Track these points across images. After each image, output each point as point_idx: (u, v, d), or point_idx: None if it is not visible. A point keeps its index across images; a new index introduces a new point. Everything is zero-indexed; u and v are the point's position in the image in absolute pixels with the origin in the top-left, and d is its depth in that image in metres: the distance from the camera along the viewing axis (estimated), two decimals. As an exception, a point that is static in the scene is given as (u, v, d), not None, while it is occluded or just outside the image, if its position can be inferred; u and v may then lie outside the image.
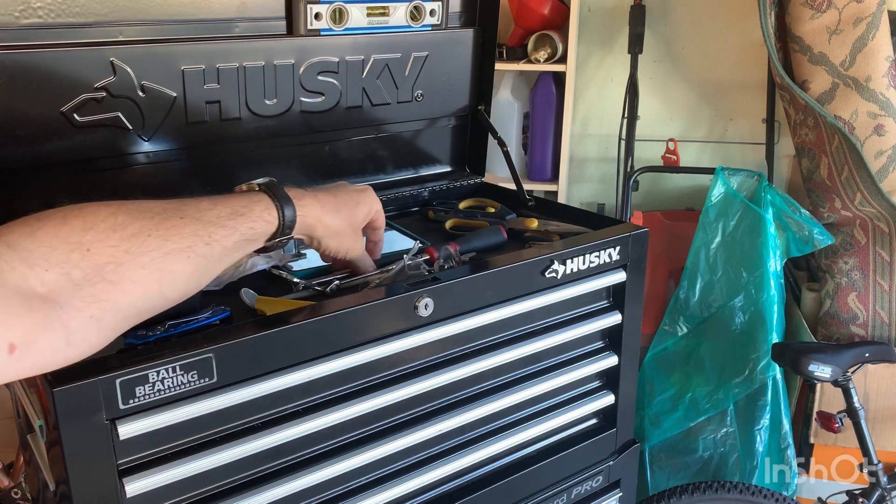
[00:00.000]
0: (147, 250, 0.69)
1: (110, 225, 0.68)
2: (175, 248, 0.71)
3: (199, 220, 0.74)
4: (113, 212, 0.69)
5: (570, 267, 1.05)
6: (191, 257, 0.72)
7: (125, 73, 1.00)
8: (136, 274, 0.68)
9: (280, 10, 1.12)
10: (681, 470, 2.35)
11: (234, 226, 0.77)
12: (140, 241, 0.69)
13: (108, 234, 0.67)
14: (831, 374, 1.88)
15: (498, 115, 2.51)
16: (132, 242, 0.68)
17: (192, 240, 0.73)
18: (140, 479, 0.76)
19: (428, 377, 0.96)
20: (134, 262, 0.68)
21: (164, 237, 0.71)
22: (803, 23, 2.09)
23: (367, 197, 0.96)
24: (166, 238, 0.71)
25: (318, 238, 0.90)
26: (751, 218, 2.23)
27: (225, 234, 0.76)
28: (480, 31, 1.33)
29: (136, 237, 0.69)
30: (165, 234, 0.71)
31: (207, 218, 0.75)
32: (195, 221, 0.74)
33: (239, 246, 0.79)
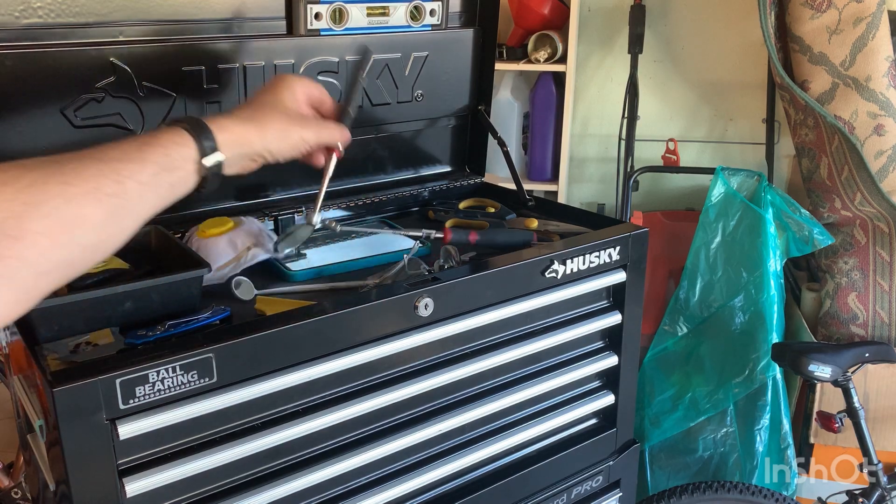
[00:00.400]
0: (47, 198, 0.65)
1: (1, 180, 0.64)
2: (79, 192, 0.67)
3: (101, 160, 0.70)
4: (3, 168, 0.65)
5: (570, 267, 1.05)
6: (100, 199, 0.68)
7: (125, 73, 1.00)
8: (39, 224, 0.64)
9: (280, 10, 1.12)
10: (681, 470, 2.35)
11: (143, 157, 0.73)
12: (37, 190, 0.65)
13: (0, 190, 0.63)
14: (831, 374, 1.88)
15: (498, 115, 2.51)
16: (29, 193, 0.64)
17: (98, 180, 0.69)
18: (140, 479, 0.76)
19: (428, 377, 0.96)
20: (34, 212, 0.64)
21: (63, 181, 0.66)
22: (803, 23, 2.09)
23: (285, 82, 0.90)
24: (66, 182, 0.66)
25: (264, 151, 0.84)
26: (751, 218, 2.23)
27: (135, 168, 0.71)
28: (480, 31, 1.33)
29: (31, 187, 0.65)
30: (64, 178, 0.66)
31: (111, 156, 0.71)
32: (97, 161, 0.70)
33: (159, 178, 0.73)
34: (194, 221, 1.09)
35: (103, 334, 0.81)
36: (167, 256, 0.96)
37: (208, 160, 0.78)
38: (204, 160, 0.78)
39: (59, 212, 0.65)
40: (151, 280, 0.84)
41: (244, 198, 1.19)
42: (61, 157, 0.69)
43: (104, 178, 0.69)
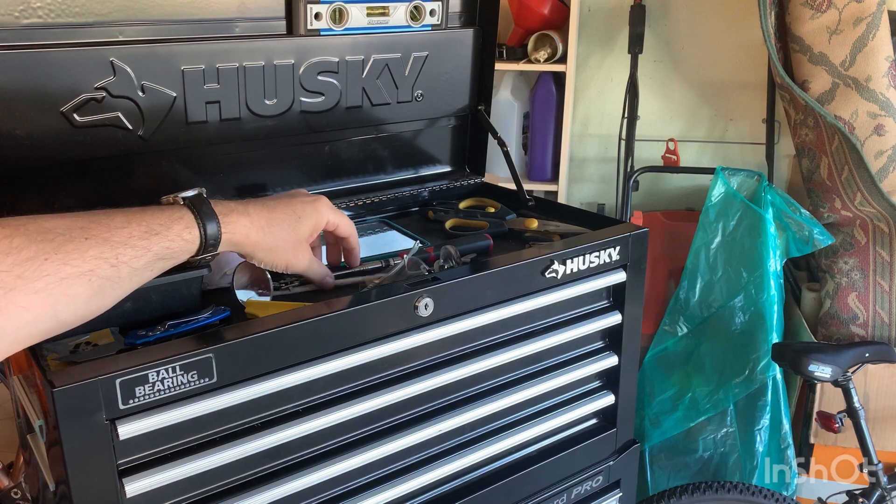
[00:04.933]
0: (42, 275, 0.66)
1: (4, 248, 0.65)
2: (74, 273, 0.68)
3: (107, 241, 0.71)
4: (9, 234, 0.66)
5: (570, 267, 1.05)
6: (92, 280, 0.69)
7: (125, 73, 1.00)
8: (26, 299, 0.65)
9: (280, 10, 1.12)
10: (681, 470, 2.35)
11: (147, 246, 0.74)
12: (35, 266, 0.66)
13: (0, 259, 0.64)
14: (831, 374, 1.88)
15: (498, 115, 2.52)
16: (25, 267, 0.65)
17: (95, 262, 0.70)
18: (140, 480, 0.76)
19: (428, 377, 0.96)
20: (26, 287, 0.65)
21: (62, 261, 0.67)
22: (803, 23, 2.09)
23: (313, 208, 0.93)
24: (65, 262, 0.67)
25: (250, 254, 0.87)
26: (751, 218, 2.23)
27: (135, 254, 0.73)
28: (480, 31, 1.33)
29: (30, 262, 0.66)
30: (65, 257, 0.68)
31: (117, 238, 0.72)
32: (102, 243, 0.71)
33: (152, 265, 0.76)
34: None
35: (103, 334, 0.81)
36: (167, 256, 0.96)
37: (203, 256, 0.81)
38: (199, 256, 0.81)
39: (50, 289, 0.66)
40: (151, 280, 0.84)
41: (244, 198, 1.19)
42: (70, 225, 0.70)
43: (103, 261, 0.70)
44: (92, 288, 0.70)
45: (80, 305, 0.70)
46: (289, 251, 0.90)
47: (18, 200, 1.00)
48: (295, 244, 0.90)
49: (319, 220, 0.93)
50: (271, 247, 0.88)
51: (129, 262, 0.72)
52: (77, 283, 0.68)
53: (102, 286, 0.70)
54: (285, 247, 0.89)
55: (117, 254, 0.71)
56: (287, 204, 0.91)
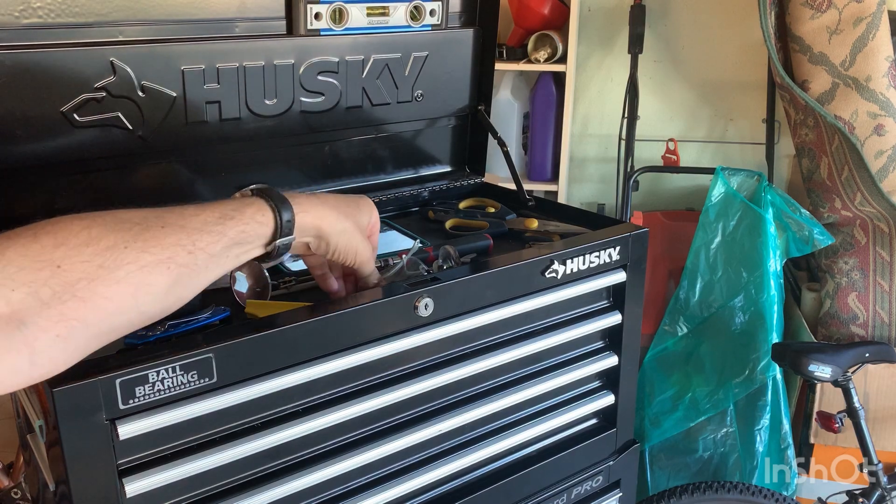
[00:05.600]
0: (122, 263, 0.65)
1: (83, 239, 0.65)
2: (153, 260, 0.67)
3: (182, 228, 0.71)
4: (87, 225, 0.66)
5: (570, 267, 1.05)
6: (171, 268, 0.68)
7: (125, 73, 1.00)
8: (109, 290, 0.65)
9: (280, 10, 1.12)
10: (681, 470, 2.35)
11: (222, 230, 0.73)
12: (115, 255, 0.65)
13: (80, 250, 0.64)
14: (831, 374, 1.88)
15: (498, 115, 2.52)
16: (106, 256, 0.65)
17: (173, 250, 0.69)
18: (140, 479, 0.76)
19: (428, 377, 0.96)
20: (108, 276, 0.64)
21: (141, 248, 0.67)
22: (803, 23, 2.09)
23: (366, 202, 0.93)
24: (144, 249, 0.67)
25: (327, 236, 0.85)
26: (751, 218, 2.23)
27: (211, 240, 0.72)
28: (480, 31, 1.33)
29: (110, 250, 0.65)
30: (144, 245, 0.67)
31: (193, 225, 0.71)
32: (179, 230, 0.70)
33: (229, 251, 0.74)
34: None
35: (103, 334, 0.81)
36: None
37: (281, 240, 0.79)
38: (277, 241, 0.79)
39: (131, 278, 0.66)
40: (151, 280, 0.84)
41: (244, 198, 1.19)
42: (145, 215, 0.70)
43: (181, 248, 0.70)
44: (171, 276, 0.69)
45: (160, 295, 0.69)
46: (359, 236, 0.88)
47: (18, 200, 1.00)
48: (362, 231, 0.90)
49: (373, 216, 0.93)
50: (346, 229, 0.86)
51: (205, 248, 0.71)
52: (157, 270, 0.68)
53: (181, 274, 0.70)
54: (357, 232, 0.88)
55: (194, 240, 0.71)
56: (343, 195, 0.91)
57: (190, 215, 0.72)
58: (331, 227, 0.85)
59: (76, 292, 0.63)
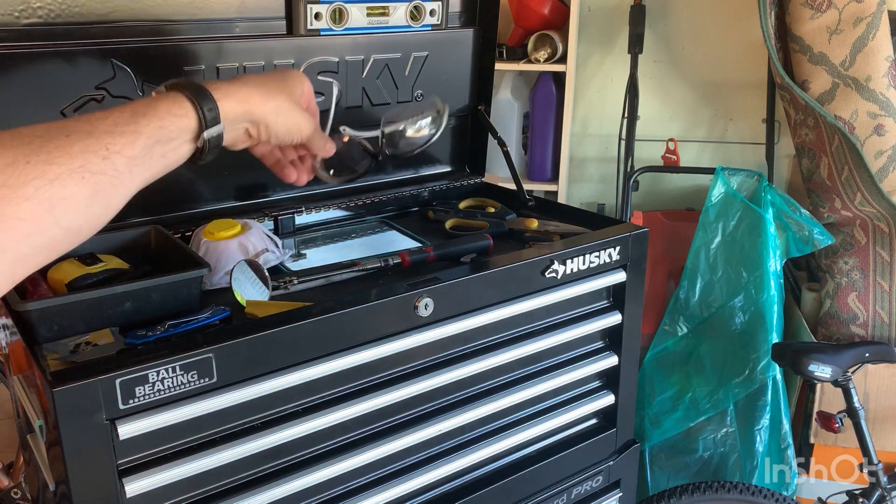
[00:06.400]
0: (29, 179, 0.60)
1: None
2: (63, 171, 0.62)
3: (90, 134, 0.65)
4: None
5: (570, 267, 1.05)
6: (85, 177, 0.63)
7: (125, 73, 1.00)
8: (18, 209, 0.59)
9: (280, 10, 1.12)
10: (681, 470, 2.35)
11: (136, 129, 0.68)
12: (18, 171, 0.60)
13: None
14: (831, 374, 1.88)
15: (498, 115, 2.51)
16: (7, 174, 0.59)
17: (84, 157, 0.64)
18: (140, 479, 0.76)
19: (428, 377, 0.96)
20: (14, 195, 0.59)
21: (46, 161, 0.61)
22: (803, 23, 2.09)
23: (295, 73, 0.87)
24: (50, 161, 0.61)
25: (263, 121, 0.79)
26: (751, 218, 2.23)
27: (126, 141, 0.66)
28: (480, 31, 1.33)
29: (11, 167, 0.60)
30: (48, 157, 0.62)
31: (101, 128, 0.66)
32: (85, 136, 0.65)
33: (151, 150, 0.69)
34: (194, 222, 1.09)
35: (103, 334, 0.81)
36: (167, 256, 0.96)
37: (209, 132, 0.74)
38: (204, 133, 0.73)
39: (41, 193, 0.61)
40: (151, 280, 0.84)
41: (244, 198, 1.19)
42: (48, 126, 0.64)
43: (92, 154, 0.64)
44: (89, 186, 0.64)
45: (80, 208, 0.64)
46: (296, 111, 0.84)
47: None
48: (297, 104, 0.85)
49: (305, 85, 0.87)
50: (279, 107, 0.81)
51: (120, 151, 0.66)
52: (70, 181, 0.62)
53: (100, 182, 0.65)
54: (292, 107, 0.83)
55: (105, 144, 0.65)
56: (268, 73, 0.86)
57: (97, 119, 0.67)
58: (261, 106, 0.80)
59: None
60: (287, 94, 0.83)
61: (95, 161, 0.64)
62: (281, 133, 0.83)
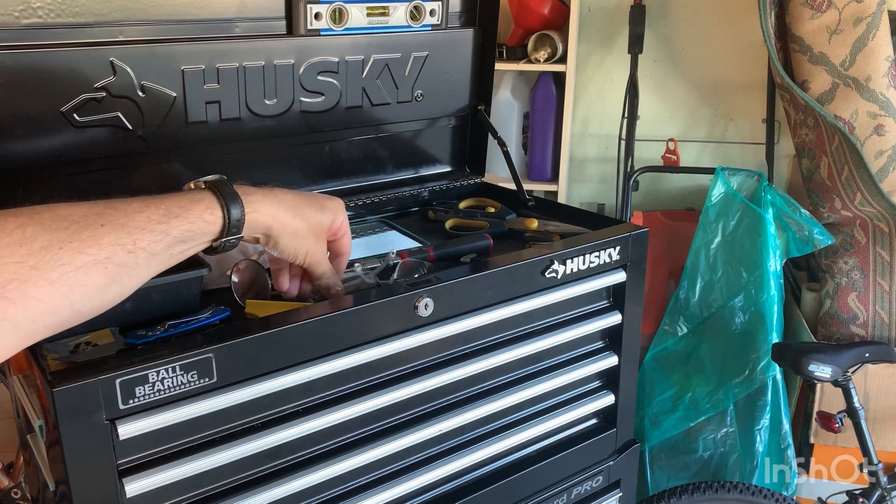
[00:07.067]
0: (57, 265, 0.63)
1: (17, 239, 0.62)
2: (90, 261, 0.65)
3: (123, 227, 0.68)
4: (22, 223, 0.63)
5: (570, 267, 1.05)
6: (108, 268, 0.67)
7: (125, 73, 1.00)
8: (41, 291, 0.62)
9: (280, 10, 1.12)
10: (681, 470, 2.35)
11: (166, 230, 0.71)
12: (50, 256, 0.63)
13: (13, 250, 0.62)
14: (831, 374, 1.88)
15: (498, 115, 2.51)
16: (40, 257, 0.62)
17: (112, 249, 0.67)
18: (140, 479, 0.76)
19: (428, 377, 0.96)
20: (41, 278, 0.62)
21: (77, 249, 0.65)
22: (803, 23, 2.09)
23: (334, 204, 0.90)
24: (80, 250, 0.65)
25: (275, 237, 0.83)
26: (751, 218, 2.23)
27: (154, 238, 0.70)
28: (480, 31, 1.33)
29: (45, 251, 0.63)
30: (80, 245, 0.65)
31: (134, 223, 0.69)
32: (118, 228, 0.68)
33: (172, 248, 0.72)
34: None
35: (103, 334, 0.81)
36: (167, 256, 0.96)
37: (227, 239, 0.77)
38: (223, 239, 0.77)
39: (66, 279, 0.64)
40: (151, 280, 0.84)
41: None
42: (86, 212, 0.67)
43: (120, 247, 0.68)
44: (109, 276, 0.67)
45: (96, 294, 0.67)
46: (311, 239, 0.86)
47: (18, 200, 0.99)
48: (318, 233, 0.87)
49: (338, 217, 0.90)
50: (297, 231, 0.84)
51: (146, 248, 0.69)
52: (93, 271, 0.66)
53: (119, 273, 0.68)
54: (310, 234, 0.86)
55: (134, 239, 0.68)
56: (310, 194, 0.88)
57: (133, 212, 0.70)
58: (282, 228, 0.83)
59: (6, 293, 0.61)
60: (312, 221, 0.86)
61: (121, 254, 0.68)
62: (288, 253, 0.85)
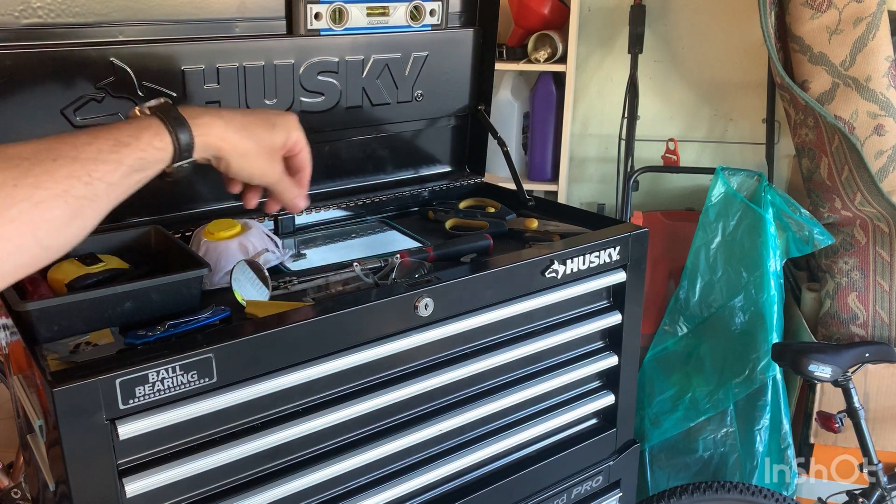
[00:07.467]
0: (15, 202, 0.63)
1: None
2: (48, 195, 0.65)
3: (75, 160, 0.68)
4: None
5: (570, 267, 1.05)
6: (68, 201, 0.67)
7: (125, 73, 1.00)
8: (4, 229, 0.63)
9: (280, 10, 1.12)
10: (681, 470, 2.35)
11: (119, 159, 0.71)
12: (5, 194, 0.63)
13: None
14: (831, 374, 1.88)
15: (498, 115, 2.51)
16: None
17: (68, 182, 0.67)
18: (140, 479, 0.76)
19: (428, 377, 0.96)
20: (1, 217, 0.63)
21: (33, 185, 0.65)
22: (803, 23, 2.09)
23: (286, 120, 0.88)
24: (36, 185, 0.65)
25: (225, 158, 0.82)
26: (751, 218, 2.23)
27: (108, 169, 0.70)
28: (480, 31, 1.33)
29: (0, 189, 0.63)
30: (35, 181, 0.65)
31: (86, 155, 0.69)
32: (71, 161, 0.68)
33: (128, 178, 0.73)
34: (194, 221, 1.09)
35: (103, 334, 0.81)
36: (167, 256, 0.96)
37: (179, 163, 0.77)
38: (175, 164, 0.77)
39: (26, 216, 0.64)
40: (151, 280, 0.84)
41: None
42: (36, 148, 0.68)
43: (76, 179, 0.68)
44: (70, 209, 0.67)
45: (61, 228, 0.67)
46: (265, 157, 0.86)
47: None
48: (270, 152, 0.86)
49: (291, 134, 0.89)
50: (248, 151, 0.83)
51: (102, 178, 0.70)
52: (54, 205, 0.66)
53: (81, 206, 0.68)
54: (262, 153, 0.85)
55: (89, 171, 0.69)
56: (261, 112, 0.88)
57: (83, 144, 0.70)
58: (232, 149, 0.82)
59: None
60: (264, 141, 0.85)
61: (79, 186, 0.68)
62: (240, 174, 0.85)
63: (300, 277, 1.01)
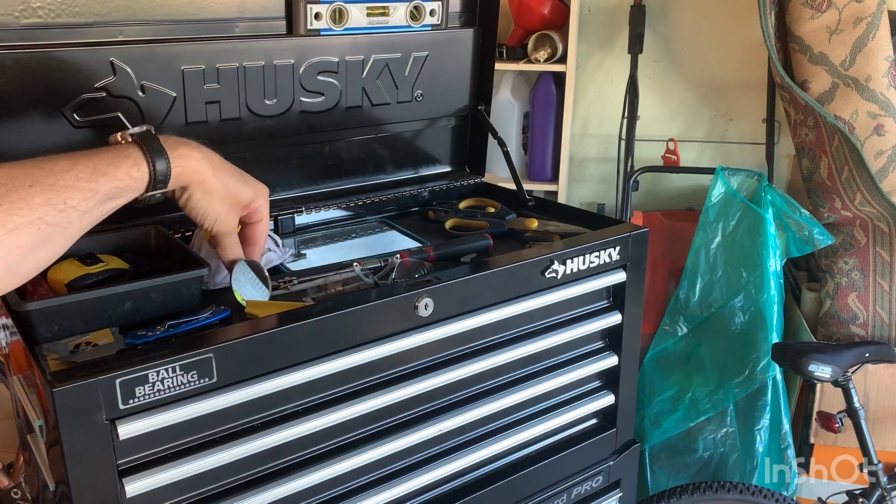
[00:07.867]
0: None
1: None
2: (22, 223, 0.66)
3: (52, 186, 0.69)
4: None
5: (570, 267, 1.05)
6: (41, 228, 0.67)
7: (125, 73, 1.00)
8: None
9: (280, 10, 1.12)
10: (681, 470, 2.35)
11: (95, 188, 0.72)
12: None
13: None
14: (831, 374, 1.88)
15: (498, 115, 2.51)
16: None
17: (43, 210, 0.67)
18: (140, 479, 0.76)
19: (428, 377, 0.96)
20: None
21: (8, 212, 0.65)
22: (803, 23, 2.09)
23: (258, 185, 0.89)
24: (11, 212, 0.65)
25: (189, 191, 0.83)
26: (751, 218, 2.23)
27: (83, 197, 0.71)
28: (480, 31, 1.33)
29: None
30: (10, 208, 0.65)
31: (63, 182, 0.70)
32: (47, 189, 0.68)
33: (101, 206, 0.73)
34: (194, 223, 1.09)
35: (103, 334, 0.81)
36: (167, 256, 0.96)
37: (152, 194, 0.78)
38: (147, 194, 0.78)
39: None
40: (151, 280, 0.84)
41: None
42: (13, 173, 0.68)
43: (51, 207, 0.68)
44: (42, 236, 0.68)
45: (30, 255, 0.68)
46: (225, 205, 0.86)
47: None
48: (233, 202, 0.87)
49: (259, 198, 0.90)
50: (213, 190, 0.84)
51: (77, 206, 0.70)
52: (26, 232, 0.66)
53: (52, 233, 0.69)
54: (224, 199, 0.86)
55: (65, 199, 0.69)
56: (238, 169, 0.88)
57: (61, 171, 0.70)
58: (199, 183, 0.82)
59: None
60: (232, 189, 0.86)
61: (53, 213, 0.68)
62: (197, 212, 0.85)
63: (300, 277, 1.01)
